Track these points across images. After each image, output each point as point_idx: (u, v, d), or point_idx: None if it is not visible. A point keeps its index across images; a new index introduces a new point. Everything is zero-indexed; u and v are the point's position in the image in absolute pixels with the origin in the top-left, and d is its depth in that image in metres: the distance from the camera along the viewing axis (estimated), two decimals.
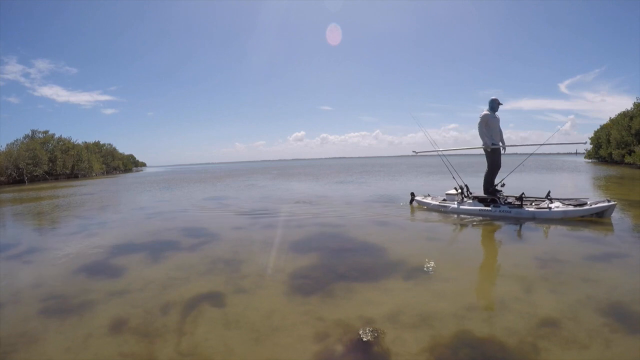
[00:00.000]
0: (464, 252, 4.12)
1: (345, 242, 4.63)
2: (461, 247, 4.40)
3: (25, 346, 2.24)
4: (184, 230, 5.89)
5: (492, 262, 3.86)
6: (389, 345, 2.08)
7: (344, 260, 3.82)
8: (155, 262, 4.04)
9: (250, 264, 3.83)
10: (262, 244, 4.69)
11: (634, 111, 24.32)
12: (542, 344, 2.03)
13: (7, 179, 32.62)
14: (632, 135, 23.42)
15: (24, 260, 4.37)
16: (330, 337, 2.20)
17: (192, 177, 28.71)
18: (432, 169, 24.25)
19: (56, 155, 38.98)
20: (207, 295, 2.96)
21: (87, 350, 2.16)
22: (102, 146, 56.99)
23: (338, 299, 2.78)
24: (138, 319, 2.55)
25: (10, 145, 36.37)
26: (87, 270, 3.83)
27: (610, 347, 1.99)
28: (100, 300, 2.93)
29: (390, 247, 4.34)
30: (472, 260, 3.80)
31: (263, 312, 2.58)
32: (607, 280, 3.00)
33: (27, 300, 3.03)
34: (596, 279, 3.02)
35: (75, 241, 5.38)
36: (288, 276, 3.36)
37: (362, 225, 5.68)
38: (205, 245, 4.77)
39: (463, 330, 2.23)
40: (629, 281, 2.96)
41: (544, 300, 2.62)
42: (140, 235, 5.60)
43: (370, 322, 2.36)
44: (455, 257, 3.87)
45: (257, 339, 2.21)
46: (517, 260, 3.59)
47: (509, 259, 3.78)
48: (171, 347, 2.15)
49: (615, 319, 2.28)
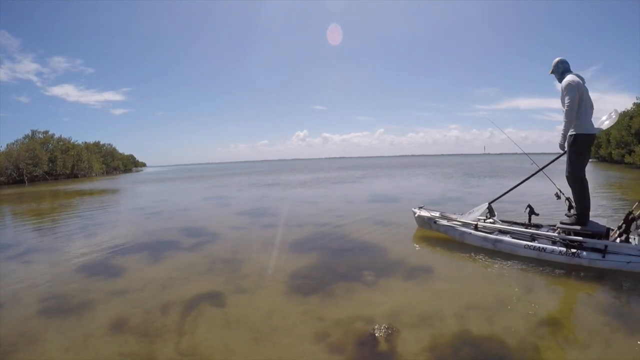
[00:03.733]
0: (464, 252, 4.11)
1: (345, 242, 4.63)
2: (462, 246, 4.40)
3: (25, 346, 2.24)
4: (183, 230, 5.89)
5: (490, 260, 3.86)
6: (389, 345, 2.08)
7: (344, 260, 3.82)
8: (155, 262, 4.04)
9: (250, 264, 3.82)
10: (262, 244, 4.69)
11: (633, 111, 24.32)
12: (542, 344, 2.03)
13: (7, 179, 32.62)
14: (632, 135, 23.42)
15: (24, 260, 4.37)
16: (330, 337, 2.20)
17: (191, 177, 28.70)
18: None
19: (56, 156, 38.96)
20: (207, 295, 2.96)
21: (87, 350, 2.16)
22: (102, 146, 56.98)
23: (338, 299, 2.78)
24: (138, 319, 2.55)
25: (10, 145, 36.40)
26: (87, 270, 3.83)
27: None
28: (100, 300, 2.93)
29: (390, 247, 4.34)
30: (472, 259, 3.79)
31: (263, 312, 2.58)
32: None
33: (27, 300, 3.03)
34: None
35: (75, 241, 5.38)
36: (288, 276, 3.36)
37: (362, 225, 5.68)
38: (205, 245, 4.76)
39: (463, 329, 2.23)
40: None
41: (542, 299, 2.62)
42: (140, 235, 5.60)
43: (371, 321, 2.36)
44: (456, 256, 3.86)
45: (257, 339, 2.21)
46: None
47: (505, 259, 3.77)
48: (171, 347, 2.15)
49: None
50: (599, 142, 29.52)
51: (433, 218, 4.77)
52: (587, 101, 3.46)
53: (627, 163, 23.10)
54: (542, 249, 3.59)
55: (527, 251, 3.70)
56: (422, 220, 4.94)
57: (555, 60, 3.68)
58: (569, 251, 3.44)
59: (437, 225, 4.68)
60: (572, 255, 3.41)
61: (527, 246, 3.70)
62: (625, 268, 3.16)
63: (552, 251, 3.53)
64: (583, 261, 3.35)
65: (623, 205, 6.67)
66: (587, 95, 3.46)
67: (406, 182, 14.49)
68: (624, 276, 3.06)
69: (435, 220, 4.72)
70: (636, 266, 3.12)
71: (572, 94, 3.34)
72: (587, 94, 3.47)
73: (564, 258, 3.45)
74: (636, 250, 3.18)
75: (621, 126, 24.56)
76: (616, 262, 3.21)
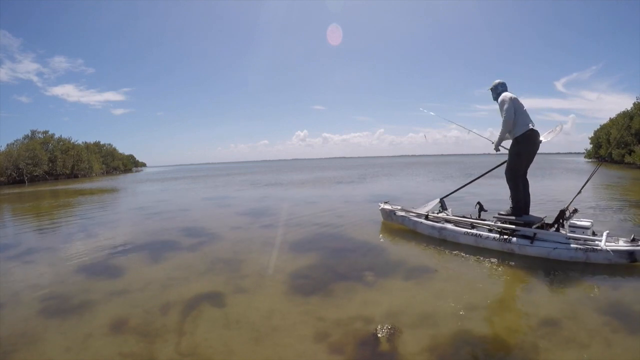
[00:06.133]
0: (464, 252, 4.11)
1: (345, 242, 4.63)
2: (461, 247, 4.40)
3: (25, 346, 2.24)
4: (184, 230, 5.89)
5: (490, 260, 3.86)
6: (390, 345, 2.08)
7: (344, 260, 3.82)
8: (155, 262, 4.04)
9: (250, 264, 3.82)
10: (262, 244, 4.69)
11: (633, 111, 24.34)
12: (542, 344, 2.03)
13: (7, 179, 32.61)
14: (632, 135, 23.43)
15: (24, 260, 4.37)
16: (331, 337, 2.20)
17: (192, 177, 28.70)
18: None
19: (56, 156, 38.97)
20: (207, 295, 2.96)
21: (87, 350, 2.16)
22: (102, 146, 57.00)
23: (338, 299, 2.78)
24: (138, 319, 2.55)
25: (10, 145, 36.40)
26: (87, 270, 3.83)
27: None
28: (100, 300, 2.93)
29: (390, 247, 4.34)
30: (473, 260, 3.79)
31: (263, 312, 2.58)
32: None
33: (27, 300, 3.02)
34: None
35: (75, 241, 5.38)
36: (288, 276, 3.36)
37: (362, 225, 5.68)
38: (205, 245, 4.76)
39: (463, 329, 2.23)
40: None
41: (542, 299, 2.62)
42: (140, 235, 5.60)
43: (371, 321, 2.36)
44: (456, 257, 3.86)
45: (257, 339, 2.21)
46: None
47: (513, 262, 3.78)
48: (171, 347, 2.15)
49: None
50: (599, 142, 29.53)
51: (394, 210, 5.35)
52: (522, 112, 3.92)
53: (627, 163, 23.11)
54: (479, 236, 4.02)
55: (466, 238, 4.14)
56: (385, 213, 5.54)
57: (495, 81, 4.23)
58: (501, 237, 3.82)
59: (396, 216, 5.26)
60: (504, 241, 3.79)
61: (467, 233, 4.13)
62: (550, 255, 3.48)
63: (487, 237, 3.95)
64: (514, 247, 3.71)
65: (622, 205, 6.68)
66: (523, 109, 3.94)
67: (406, 182, 14.49)
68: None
69: (394, 212, 5.30)
70: (561, 252, 3.42)
71: (507, 106, 3.85)
72: (521, 107, 3.95)
73: (497, 244, 3.86)
74: (562, 238, 3.49)
75: (621, 126, 24.55)
76: (543, 249, 3.53)
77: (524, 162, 3.98)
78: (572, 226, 3.54)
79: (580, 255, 3.34)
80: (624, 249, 3.20)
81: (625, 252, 3.19)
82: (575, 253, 3.36)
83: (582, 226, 3.46)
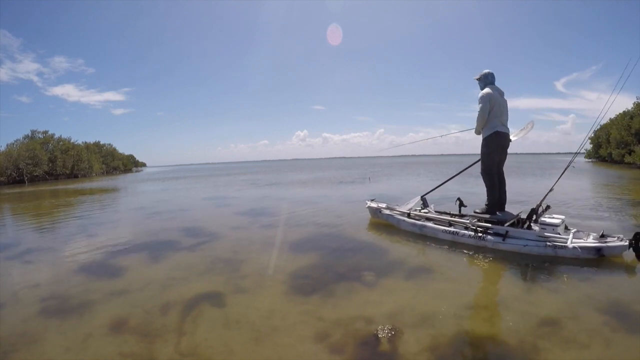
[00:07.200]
0: (464, 252, 4.12)
1: (345, 242, 4.63)
2: (461, 247, 4.40)
3: (25, 346, 2.24)
4: (184, 230, 5.89)
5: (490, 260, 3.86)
6: (390, 345, 2.08)
7: (344, 260, 3.82)
8: (155, 262, 4.04)
9: (250, 264, 3.82)
10: (262, 244, 4.69)
11: (634, 111, 24.34)
12: (541, 344, 2.03)
13: (7, 179, 32.61)
14: (632, 135, 23.43)
15: (24, 260, 4.37)
16: (331, 337, 2.20)
17: (192, 177, 28.71)
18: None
19: (56, 156, 38.96)
20: (207, 295, 2.96)
21: (87, 350, 2.16)
22: (102, 146, 57.00)
23: (338, 299, 2.78)
24: (138, 319, 2.55)
25: (10, 145, 36.40)
26: (87, 270, 3.83)
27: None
28: (100, 300, 2.93)
29: (390, 247, 4.34)
30: (473, 260, 3.79)
31: (263, 312, 2.58)
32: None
33: (27, 300, 3.02)
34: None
35: (75, 241, 5.38)
36: (288, 276, 3.36)
37: (362, 225, 5.68)
38: (205, 245, 4.76)
39: (464, 329, 2.23)
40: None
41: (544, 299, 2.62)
42: (140, 235, 5.60)
43: (371, 321, 2.36)
44: (456, 257, 3.86)
45: (257, 339, 2.21)
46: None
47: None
48: (171, 347, 2.15)
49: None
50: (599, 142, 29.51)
51: (379, 208, 5.61)
52: (500, 111, 4.09)
53: (627, 163, 23.11)
54: (456, 233, 4.27)
55: (444, 235, 4.39)
56: (372, 210, 5.79)
57: (485, 71, 4.27)
58: (476, 235, 4.05)
59: (381, 214, 5.53)
60: (479, 238, 4.02)
61: (445, 230, 4.39)
62: (521, 250, 3.69)
63: (463, 235, 4.19)
64: (488, 243, 3.94)
65: (621, 205, 6.68)
66: (500, 108, 4.10)
67: (406, 182, 14.48)
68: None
69: (380, 210, 5.56)
70: (531, 249, 3.65)
71: (484, 103, 4.02)
72: (501, 105, 4.10)
73: (472, 241, 4.08)
74: (532, 235, 3.71)
75: (621, 126, 24.57)
76: (514, 245, 3.76)
77: (496, 161, 4.21)
78: (542, 223, 3.76)
79: (550, 252, 3.57)
80: (592, 246, 3.44)
81: (593, 249, 3.43)
82: (545, 249, 3.59)
83: (551, 223, 3.69)
